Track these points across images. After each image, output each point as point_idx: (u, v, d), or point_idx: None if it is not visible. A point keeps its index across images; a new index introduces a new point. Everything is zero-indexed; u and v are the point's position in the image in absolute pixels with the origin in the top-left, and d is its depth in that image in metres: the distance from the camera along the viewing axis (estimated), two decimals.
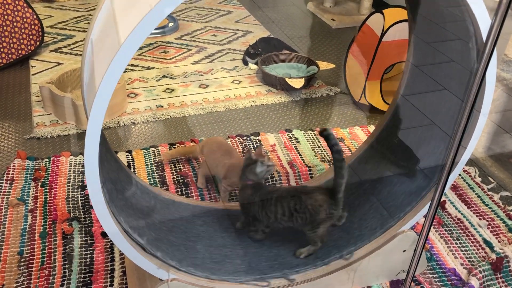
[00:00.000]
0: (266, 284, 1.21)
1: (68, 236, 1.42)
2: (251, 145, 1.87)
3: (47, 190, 1.59)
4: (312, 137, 1.94)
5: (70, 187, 1.61)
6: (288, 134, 1.95)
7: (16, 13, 2.26)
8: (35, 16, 2.33)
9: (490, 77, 1.06)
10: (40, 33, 2.39)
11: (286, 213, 1.23)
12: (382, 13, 2.01)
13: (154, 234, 1.18)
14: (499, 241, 1.47)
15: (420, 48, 1.30)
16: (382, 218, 1.29)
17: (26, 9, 2.29)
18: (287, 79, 2.19)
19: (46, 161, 1.72)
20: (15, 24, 2.26)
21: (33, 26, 2.34)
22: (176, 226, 1.29)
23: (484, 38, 0.98)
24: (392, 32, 1.95)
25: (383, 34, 1.95)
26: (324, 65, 2.34)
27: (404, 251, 1.27)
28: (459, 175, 1.74)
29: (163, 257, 1.11)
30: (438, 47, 1.22)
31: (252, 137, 1.92)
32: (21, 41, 2.32)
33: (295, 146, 1.88)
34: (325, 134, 1.14)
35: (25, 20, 2.30)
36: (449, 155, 0.92)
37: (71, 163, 1.72)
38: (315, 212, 1.20)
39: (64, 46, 2.58)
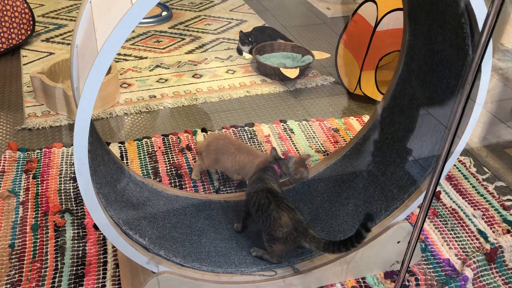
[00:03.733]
0: (273, 273, 1.21)
1: (60, 229, 1.41)
2: (246, 136, 1.85)
3: (39, 182, 1.57)
4: (307, 127, 1.93)
5: (62, 179, 1.59)
6: (282, 125, 1.94)
7: (6, 1, 2.22)
8: (25, 5, 2.29)
9: (486, 66, 1.04)
10: (31, 22, 2.35)
11: (255, 206, 1.22)
12: (375, 2, 1.98)
13: (157, 232, 1.17)
14: (493, 232, 1.47)
15: (415, 37, 1.28)
16: (386, 200, 1.28)
17: None
18: (282, 69, 2.17)
19: (37, 153, 1.70)
20: (5, 13, 2.22)
21: (23, 15, 2.30)
22: (180, 222, 1.28)
23: (480, 27, 0.97)
24: (386, 21, 1.92)
25: (377, 23, 1.93)
26: (319, 55, 2.32)
27: (398, 242, 1.26)
28: (454, 165, 1.74)
29: (166, 255, 1.11)
30: (433, 36, 1.20)
31: (246, 128, 1.90)
32: (12, 30, 2.28)
33: (289, 137, 1.87)
34: None
35: (15, 9, 2.26)
36: (444, 144, 0.90)
37: (63, 154, 1.70)
38: (273, 227, 1.18)
39: (56, 36, 2.54)
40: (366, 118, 2.00)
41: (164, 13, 2.80)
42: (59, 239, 1.37)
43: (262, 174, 1.29)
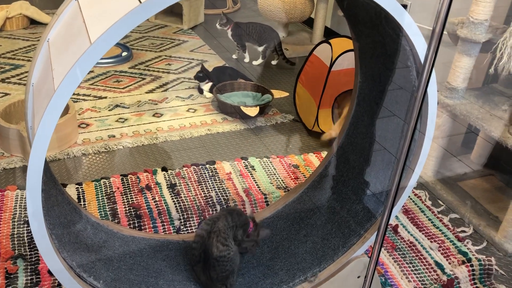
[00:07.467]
0: None
1: (12, 276, 1.34)
2: (207, 174, 1.85)
3: None
4: (268, 164, 1.95)
5: (16, 223, 1.53)
6: (244, 162, 1.95)
7: None
8: None
9: (432, 100, 1.10)
10: None
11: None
12: (329, 43, 2.07)
13: (112, 275, 1.13)
14: (449, 263, 1.50)
15: (365, 79, 1.34)
16: (344, 236, 1.30)
17: None
18: (242, 107, 2.20)
19: None
20: None
21: None
22: (137, 263, 1.24)
23: (422, 61, 1.03)
24: (340, 62, 2.00)
25: (332, 63, 2.01)
26: (278, 93, 2.37)
27: (358, 277, 1.27)
28: (410, 198, 1.79)
29: None
30: (382, 78, 1.26)
31: (207, 166, 1.90)
32: None
33: (251, 174, 1.88)
34: None
35: None
36: (394, 175, 0.94)
37: (17, 197, 1.64)
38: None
39: (13, 76, 2.50)
40: (324, 154, 2.04)
41: (124, 54, 2.81)
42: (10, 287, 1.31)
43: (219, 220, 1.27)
